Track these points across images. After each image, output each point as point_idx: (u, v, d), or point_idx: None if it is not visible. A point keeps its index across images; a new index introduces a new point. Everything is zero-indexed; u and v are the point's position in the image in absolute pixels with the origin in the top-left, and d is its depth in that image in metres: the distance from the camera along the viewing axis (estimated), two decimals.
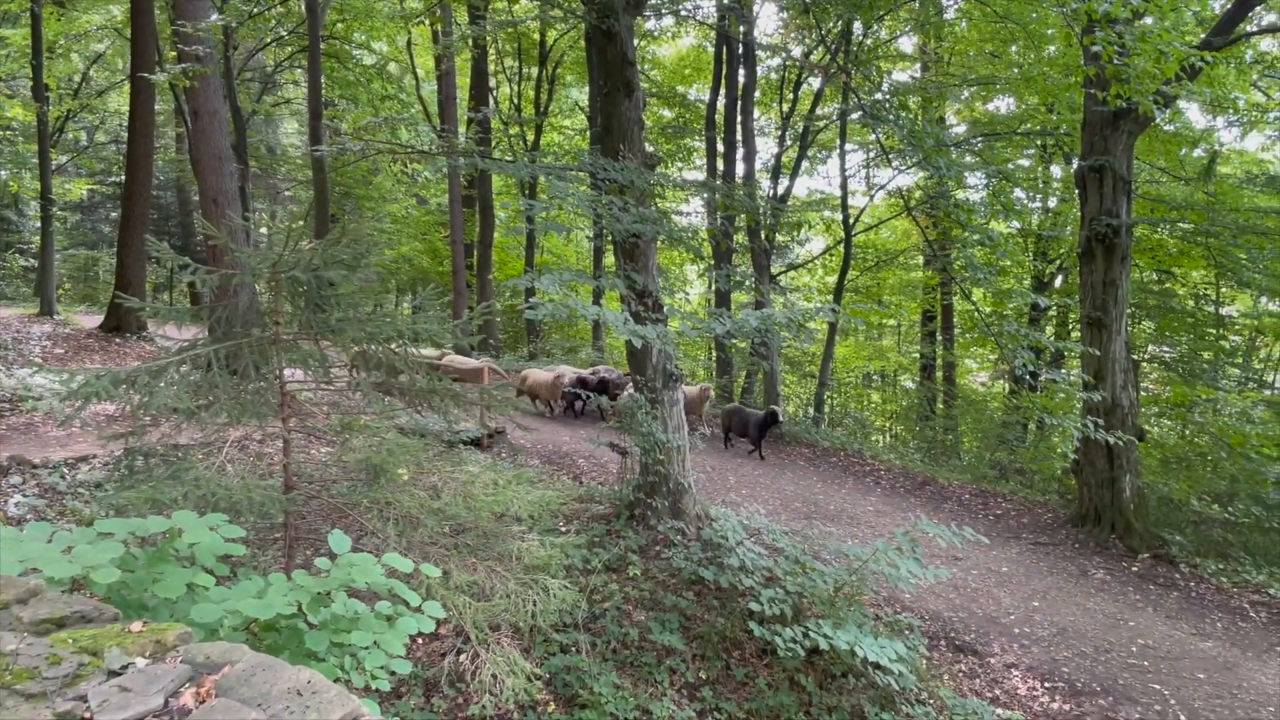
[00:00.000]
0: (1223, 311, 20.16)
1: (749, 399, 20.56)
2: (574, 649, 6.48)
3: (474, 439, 11.44)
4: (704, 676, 6.56)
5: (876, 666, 6.34)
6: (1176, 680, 7.79)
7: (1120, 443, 10.82)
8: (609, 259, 26.46)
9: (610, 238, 8.73)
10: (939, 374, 27.25)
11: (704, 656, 6.78)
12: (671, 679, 6.47)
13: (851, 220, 21.51)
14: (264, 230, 31.91)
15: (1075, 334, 21.05)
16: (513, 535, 6.80)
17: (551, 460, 12.16)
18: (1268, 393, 19.43)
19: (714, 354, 27.81)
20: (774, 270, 22.95)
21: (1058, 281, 23.55)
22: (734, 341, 18.82)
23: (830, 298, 23.89)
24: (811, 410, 22.45)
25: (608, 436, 10.27)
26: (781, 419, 14.92)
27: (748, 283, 16.75)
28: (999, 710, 6.95)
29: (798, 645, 6.26)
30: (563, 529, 8.60)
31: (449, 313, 20.04)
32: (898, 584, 6.64)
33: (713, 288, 27.93)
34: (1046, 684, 7.52)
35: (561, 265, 26.59)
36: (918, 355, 28.97)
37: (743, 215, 18.61)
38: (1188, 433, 17.19)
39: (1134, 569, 11.20)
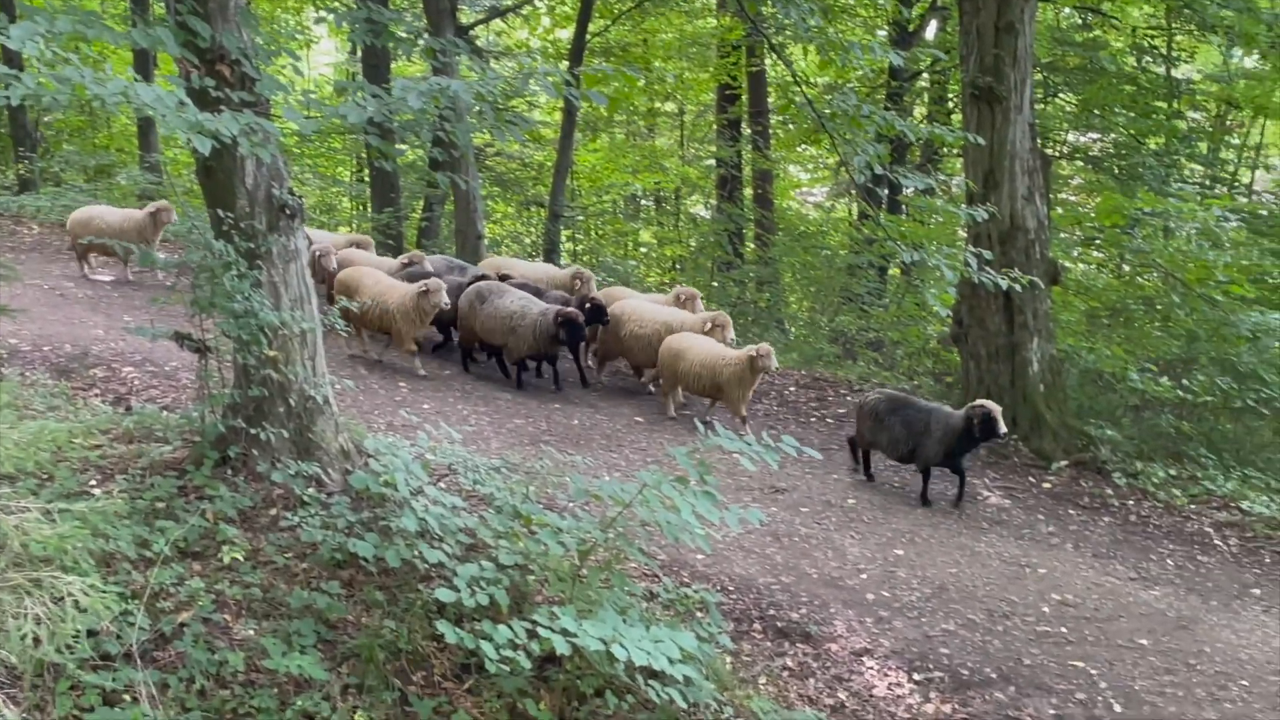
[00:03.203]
0: (1177, 75, 21.83)
1: (430, 248, 20.36)
2: (126, 697, 6.31)
3: None
4: None
5: (651, 674, 6.48)
6: (1108, 651, 8.62)
7: (1022, 288, 11.14)
8: (159, 4, 25.04)
9: None
10: (747, 193, 28.12)
11: (364, 687, 6.72)
12: None
13: None
14: None
15: (956, 118, 22.27)
16: None
17: (70, 369, 11.72)
18: (1242, 199, 21.12)
19: (365, 172, 27.26)
20: (464, 18, 22.62)
21: (930, 30, 24.70)
22: (398, 145, 18.48)
23: (564, 64, 23.93)
24: (540, 260, 22.63)
25: (170, 319, 9.89)
26: (1002, 429, 11.56)
27: (419, 40, 16.33)
28: None
29: (521, 653, 6.25)
30: (95, 489, 8.26)
31: None
32: (679, 537, 6.78)
33: (356, 51, 27.25)
34: (917, 675, 8.06)
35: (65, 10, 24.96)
36: (713, 163, 29.74)
37: None
38: (1125, 268, 18.64)
39: (1045, 485, 12.19)
